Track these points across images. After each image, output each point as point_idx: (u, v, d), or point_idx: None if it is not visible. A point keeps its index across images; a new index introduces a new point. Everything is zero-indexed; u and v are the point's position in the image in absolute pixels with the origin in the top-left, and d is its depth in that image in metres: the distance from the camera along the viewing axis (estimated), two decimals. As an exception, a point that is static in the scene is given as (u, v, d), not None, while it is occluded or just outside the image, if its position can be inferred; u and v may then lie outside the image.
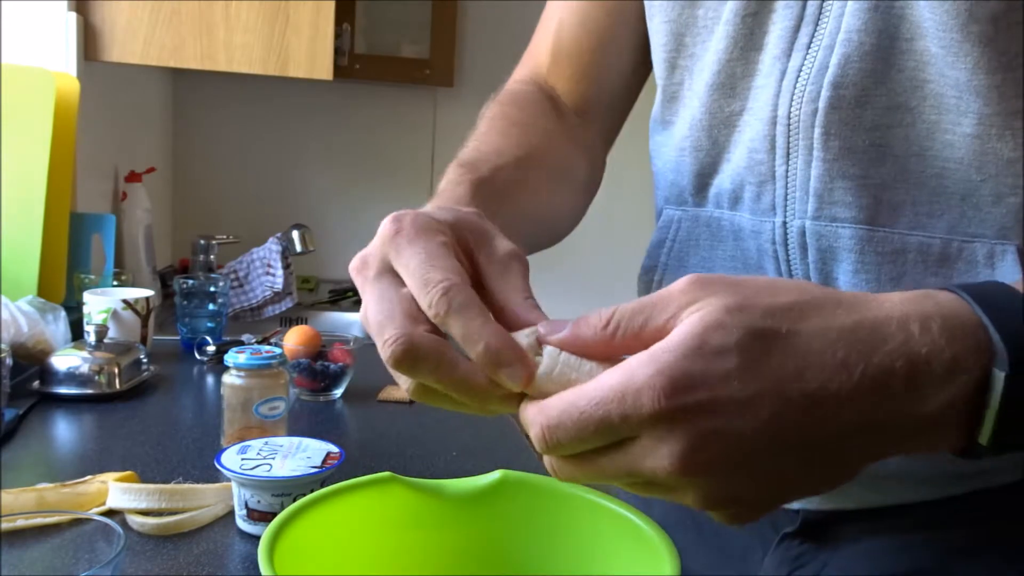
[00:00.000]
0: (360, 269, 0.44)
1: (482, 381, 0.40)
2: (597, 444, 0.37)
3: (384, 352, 0.40)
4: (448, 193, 0.55)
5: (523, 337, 0.40)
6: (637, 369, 0.35)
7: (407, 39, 2.36)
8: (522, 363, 0.39)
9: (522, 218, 0.60)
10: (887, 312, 0.37)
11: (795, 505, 0.62)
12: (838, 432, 0.36)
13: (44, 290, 1.28)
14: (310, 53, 1.53)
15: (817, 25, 0.55)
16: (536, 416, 0.38)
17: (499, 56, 2.53)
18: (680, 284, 0.38)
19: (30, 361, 1.12)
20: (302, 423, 1.05)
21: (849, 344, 0.36)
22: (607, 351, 0.39)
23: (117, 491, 0.74)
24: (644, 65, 0.72)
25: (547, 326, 0.40)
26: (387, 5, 2.34)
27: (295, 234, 1.86)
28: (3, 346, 0.98)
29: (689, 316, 0.36)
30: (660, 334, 0.37)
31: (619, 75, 0.73)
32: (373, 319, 0.42)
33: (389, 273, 0.43)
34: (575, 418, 0.36)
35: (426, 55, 2.34)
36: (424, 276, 0.40)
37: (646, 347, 0.37)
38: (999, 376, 0.36)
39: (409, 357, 0.40)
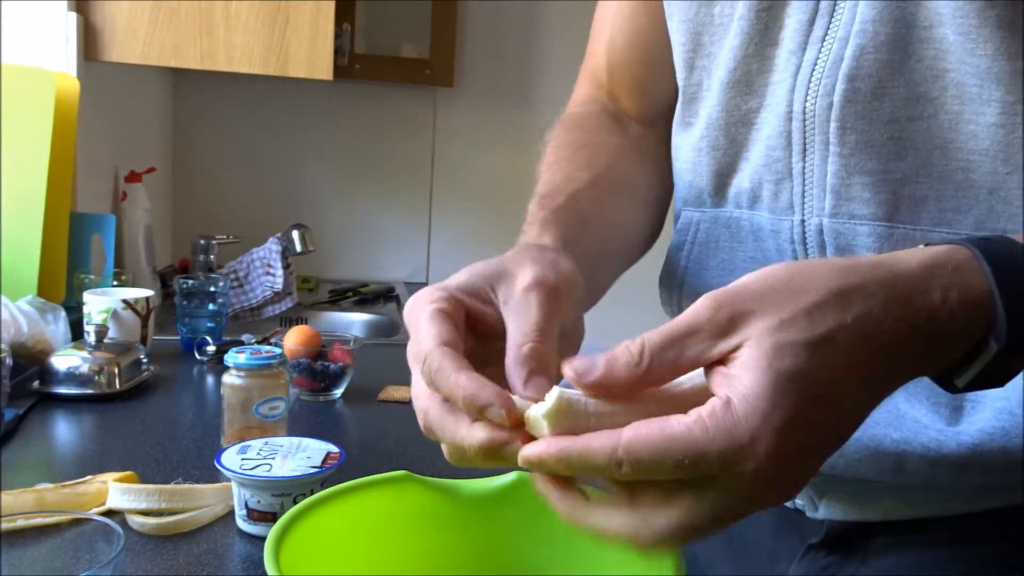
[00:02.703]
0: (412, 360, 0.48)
1: (480, 436, 0.41)
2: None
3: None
4: (526, 234, 0.56)
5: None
6: (730, 436, 0.36)
7: (407, 39, 2.35)
8: (499, 400, 0.40)
9: (603, 240, 0.60)
10: (912, 285, 0.39)
11: (820, 515, 0.61)
12: (880, 395, 0.40)
13: (44, 290, 1.28)
14: (310, 53, 1.53)
15: (832, 17, 0.54)
16: (618, 447, 0.37)
17: (499, 56, 2.54)
18: (702, 310, 0.38)
19: (30, 361, 1.12)
20: (302, 423, 1.05)
21: (894, 319, 0.38)
22: (640, 388, 0.39)
23: (117, 491, 0.74)
24: None
25: (575, 368, 0.40)
26: (387, 5, 2.34)
27: (295, 234, 1.86)
28: (3, 346, 0.98)
29: (743, 354, 0.37)
30: (695, 365, 0.38)
31: (671, 81, 0.71)
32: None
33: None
34: (663, 464, 0.36)
35: (426, 55, 2.34)
36: (411, 355, 0.45)
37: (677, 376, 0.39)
38: (993, 346, 0.40)
39: (426, 430, 0.45)
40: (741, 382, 0.36)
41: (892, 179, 0.53)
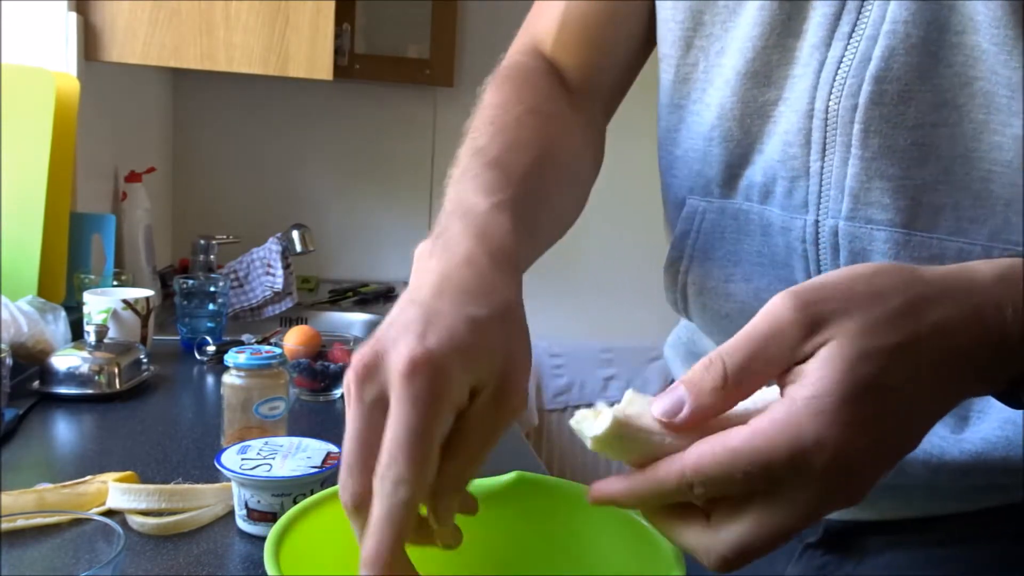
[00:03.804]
0: (359, 380, 0.41)
1: (379, 548, 0.39)
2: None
3: (340, 494, 0.41)
4: (487, 216, 0.50)
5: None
6: (797, 443, 0.36)
7: (407, 39, 2.35)
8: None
9: (548, 226, 0.59)
10: (986, 298, 0.39)
11: None
12: (947, 407, 0.40)
13: (44, 290, 1.27)
14: (310, 53, 1.53)
15: (860, 13, 0.52)
16: (685, 471, 0.37)
17: (499, 56, 2.52)
18: (783, 312, 0.38)
19: (30, 361, 1.12)
20: (302, 423, 1.05)
21: (967, 332, 0.38)
22: (726, 407, 0.39)
23: (117, 491, 0.74)
24: (650, 41, 0.69)
25: (664, 412, 0.38)
26: (387, 5, 2.34)
27: (295, 234, 1.86)
28: (3, 346, 0.98)
29: (823, 353, 0.37)
30: (779, 370, 0.38)
31: (626, 49, 0.70)
32: (347, 448, 0.41)
33: (380, 407, 0.40)
34: (734, 477, 0.37)
35: (426, 55, 2.34)
36: (395, 451, 0.39)
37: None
38: None
39: (353, 512, 0.40)
40: (812, 380, 0.36)
41: (912, 185, 0.52)
